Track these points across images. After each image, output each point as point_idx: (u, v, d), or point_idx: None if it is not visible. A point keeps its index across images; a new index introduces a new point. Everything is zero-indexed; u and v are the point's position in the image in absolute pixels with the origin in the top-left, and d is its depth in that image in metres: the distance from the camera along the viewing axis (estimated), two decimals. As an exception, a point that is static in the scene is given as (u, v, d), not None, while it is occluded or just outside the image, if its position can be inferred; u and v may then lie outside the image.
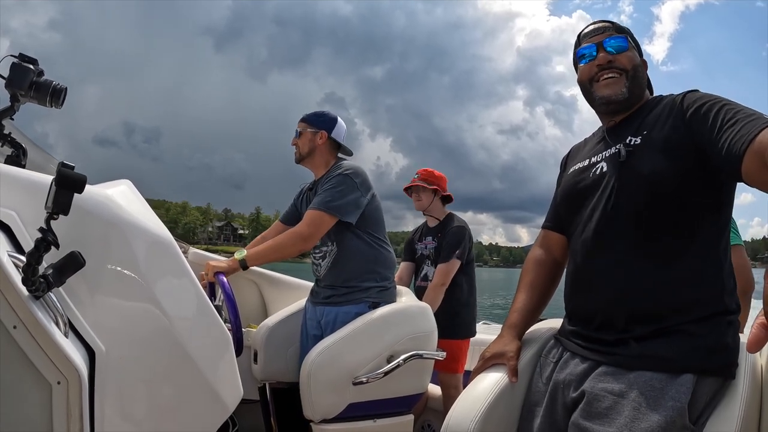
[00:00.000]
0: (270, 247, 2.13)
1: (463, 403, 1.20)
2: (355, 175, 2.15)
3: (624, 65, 1.24)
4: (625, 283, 1.11)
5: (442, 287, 2.77)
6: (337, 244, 2.17)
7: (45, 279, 0.81)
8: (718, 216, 1.11)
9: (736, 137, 0.95)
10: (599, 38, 1.26)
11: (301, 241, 2.09)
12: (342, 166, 2.20)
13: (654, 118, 1.18)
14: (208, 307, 1.17)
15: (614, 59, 1.24)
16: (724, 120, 1.00)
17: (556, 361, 1.23)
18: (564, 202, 1.32)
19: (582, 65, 1.29)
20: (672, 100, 1.17)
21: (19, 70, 1.22)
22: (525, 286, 1.41)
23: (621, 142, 1.20)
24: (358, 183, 2.14)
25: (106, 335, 0.96)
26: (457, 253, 2.81)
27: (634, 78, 1.24)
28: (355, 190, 2.13)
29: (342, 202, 2.10)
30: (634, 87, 1.24)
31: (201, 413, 1.14)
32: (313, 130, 2.27)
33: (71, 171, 0.79)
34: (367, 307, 2.10)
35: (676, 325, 1.05)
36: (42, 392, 0.82)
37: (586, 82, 1.29)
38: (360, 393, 1.95)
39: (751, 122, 0.95)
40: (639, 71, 1.25)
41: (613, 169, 1.19)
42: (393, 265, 2.29)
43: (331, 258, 2.19)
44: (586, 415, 1.05)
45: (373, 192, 2.21)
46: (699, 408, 1.01)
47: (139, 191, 1.24)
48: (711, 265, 1.09)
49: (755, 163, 0.90)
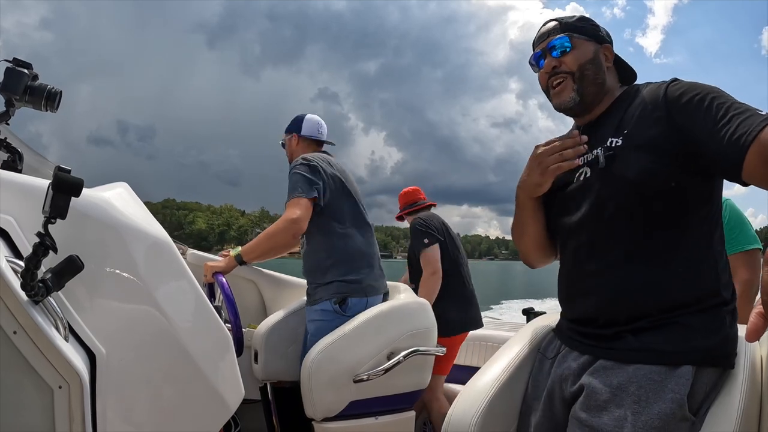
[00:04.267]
0: (261, 236, 2.15)
1: (464, 398, 1.21)
2: (299, 166, 2.15)
3: (568, 68, 1.19)
4: (620, 287, 1.10)
5: (433, 276, 2.76)
6: (306, 235, 2.18)
7: (44, 283, 0.81)
8: (709, 208, 1.09)
9: (737, 133, 0.93)
10: (545, 43, 1.23)
11: (291, 223, 2.05)
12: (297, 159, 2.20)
13: (634, 114, 1.13)
14: (208, 308, 1.18)
15: (558, 63, 1.20)
16: (718, 114, 0.98)
17: (555, 355, 1.23)
18: (549, 204, 1.29)
19: (538, 74, 1.27)
20: (653, 92, 1.12)
21: (13, 75, 1.21)
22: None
23: (601, 144, 1.15)
24: (303, 170, 2.13)
25: (106, 338, 0.96)
26: (426, 241, 2.81)
27: (582, 78, 1.18)
28: (305, 171, 2.12)
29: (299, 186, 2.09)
30: (586, 86, 1.19)
31: (203, 414, 1.14)
32: (288, 136, 2.41)
33: (68, 175, 0.79)
34: (331, 304, 2.05)
35: (673, 318, 1.05)
36: (44, 397, 0.82)
37: (545, 90, 1.26)
38: (361, 391, 1.95)
39: (749, 118, 0.94)
40: (588, 69, 1.19)
41: (596, 175, 1.15)
42: (362, 255, 2.18)
43: (303, 250, 2.22)
44: (586, 408, 1.05)
45: (327, 175, 2.17)
46: (699, 399, 1.01)
47: (137, 191, 1.23)
48: (705, 259, 1.08)
49: (759, 160, 0.90)
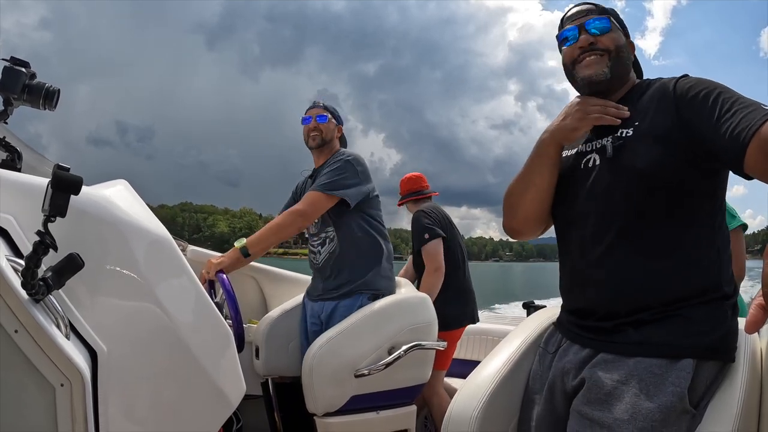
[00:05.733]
0: (268, 228, 2.14)
1: (465, 392, 1.21)
2: (356, 162, 2.15)
3: (607, 46, 1.21)
4: (622, 278, 1.10)
5: (435, 272, 2.73)
6: (337, 231, 2.16)
7: (44, 282, 0.81)
8: (714, 203, 1.10)
9: (738, 127, 0.94)
10: (581, 20, 1.24)
11: (299, 219, 2.08)
12: (344, 153, 2.21)
13: (645, 106, 1.15)
14: (209, 304, 1.18)
15: (596, 40, 1.22)
16: (723, 109, 0.99)
17: (556, 349, 1.23)
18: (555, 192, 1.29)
19: (565, 48, 1.28)
20: (663, 86, 1.15)
21: (11, 74, 1.21)
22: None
23: (611, 133, 1.17)
24: (359, 171, 2.14)
25: (108, 336, 0.96)
26: (427, 236, 2.77)
27: (617, 58, 1.21)
28: (355, 176, 2.12)
29: (341, 184, 2.09)
30: (618, 67, 1.22)
31: (205, 410, 1.14)
32: (331, 119, 2.31)
33: (67, 173, 0.78)
34: (367, 299, 2.09)
35: (674, 311, 1.05)
36: (46, 395, 0.82)
37: (569, 64, 1.27)
38: (362, 385, 1.96)
39: (751, 112, 0.95)
40: (623, 51, 1.23)
41: (605, 163, 1.17)
42: (392, 257, 2.29)
43: (331, 245, 2.18)
44: (587, 401, 1.05)
45: (372, 183, 2.21)
46: (700, 392, 1.01)
47: (138, 191, 1.23)
48: (709, 253, 1.09)
49: (760, 154, 0.90)
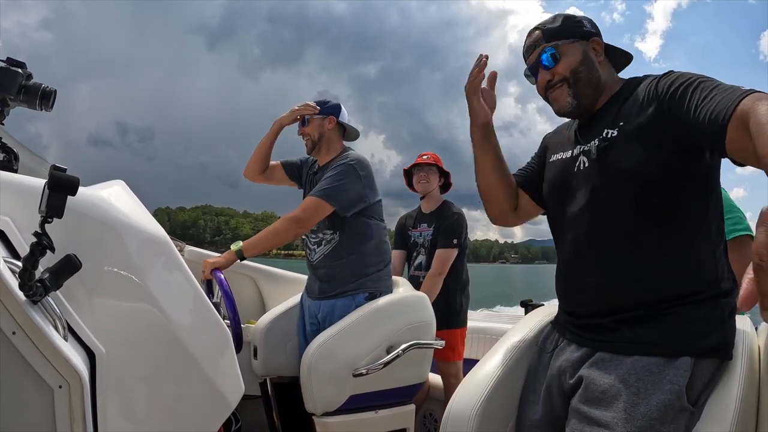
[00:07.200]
0: (265, 233, 2.14)
1: (464, 391, 1.21)
2: (360, 166, 2.13)
3: (563, 74, 1.22)
4: (617, 278, 1.11)
5: (440, 276, 2.73)
6: (340, 232, 2.15)
7: (42, 283, 0.81)
8: (707, 200, 1.10)
9: (717, 109, 0.93)
10: (534, 57, 1.27)
11: (295, 227, 2.09)
12: (348, 156, 2.18)
13: (631, 107, 1.15)
14: (206, 305, 1.18)
15: (551, 75, 1.24)
16: (702, 96, 0.99)
17: (553, 348, 1.24)
18: (549, 195, 1.32)
19: (535, 86, 1.31)
20: (648, 85, 1.15)
21: (7, 75, 1.20)
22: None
23: (597, 135, 1.18)
24: (362, 175, 2.12)
25: (106, 336, 0.96)
26: (455, 242, 2.77)
27: (575, 82, 1.22)
28: (357, 182, 2.11)
29: (342, 192, 2.08)
30: (582, 88, 1.22)
31: (203, 411, 1.14)
32: (321, 117, 2.25)
33: (63, 174, 0.78)
34: (364, 299, 2.09)
35: (671, 309, 1.05)
36: (44, 397, 0.82)
37: (544, 98, 1.30)
38: (360, 385, 1.96)
39: (729, 94, 0.93)
40: (581, 71, 1.22)
41: (592, 164, 1.17)
42: (390, 256, 2.30)
43: (330, 245, 2.17)
44: (585, 400, 1.05)
45: (375, 188, 2.20)
46: (697, 390, 1.02)
47: (138, 192, 1.23)
48: (703, 251, 1.08)
49: (738, 132, 0.88)
